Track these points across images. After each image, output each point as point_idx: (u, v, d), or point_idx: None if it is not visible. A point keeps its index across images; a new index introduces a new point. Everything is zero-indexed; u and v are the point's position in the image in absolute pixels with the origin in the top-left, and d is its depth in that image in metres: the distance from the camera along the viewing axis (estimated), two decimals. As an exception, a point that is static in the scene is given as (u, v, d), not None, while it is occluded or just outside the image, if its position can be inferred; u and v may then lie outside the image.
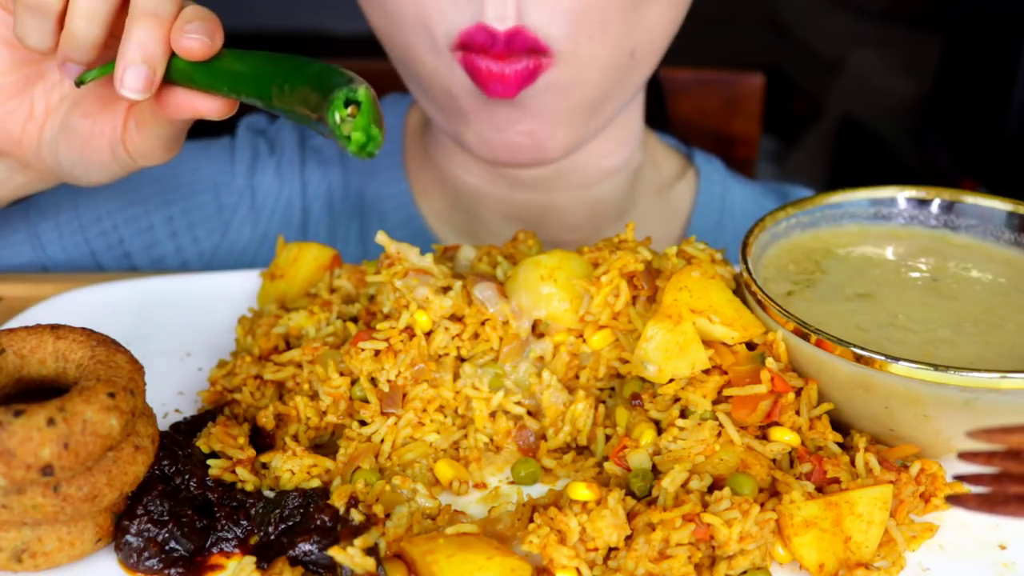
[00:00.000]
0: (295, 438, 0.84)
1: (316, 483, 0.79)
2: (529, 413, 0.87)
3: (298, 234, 1.33)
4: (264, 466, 0.82)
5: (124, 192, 1.31)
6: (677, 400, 0.81)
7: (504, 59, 1.01)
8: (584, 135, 1.13)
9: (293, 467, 0.79)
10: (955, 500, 0.68)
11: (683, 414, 0.81)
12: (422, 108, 1.21)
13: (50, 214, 1.30)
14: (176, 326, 1.00)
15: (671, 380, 0.81)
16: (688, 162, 1.42)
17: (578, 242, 1.27)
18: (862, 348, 0.76)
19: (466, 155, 1.24)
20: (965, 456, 0.67)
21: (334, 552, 0.71)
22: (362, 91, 0.72)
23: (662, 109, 1.47)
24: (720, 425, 0.79)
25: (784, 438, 0.79)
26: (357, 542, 0.72)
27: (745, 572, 0.72)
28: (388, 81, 1.55)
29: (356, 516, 0.74)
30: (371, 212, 1.33)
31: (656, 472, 0.79)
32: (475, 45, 1.01)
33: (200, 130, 1.47)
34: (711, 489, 0.76)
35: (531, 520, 0.75)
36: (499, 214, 1.28)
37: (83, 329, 0.79)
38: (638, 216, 1.33)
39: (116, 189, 1.31)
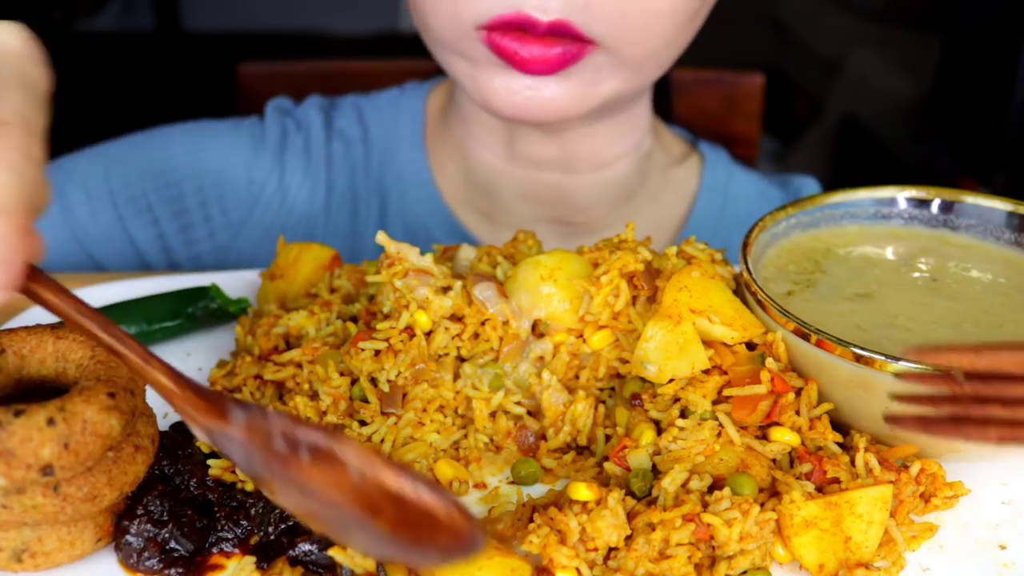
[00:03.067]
0: (295, 438, 0.84)
1: None
2: (529, 413, 0.87)
3: (322, 211, 1.37)
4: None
5: (155, 161, 1.34)
6: (677, 400, 0.81)
7: (544, 42, 1.03)
8: (589, 109, 1.14)
9: None
10: (893, 421, 0.69)
11: (683, 414, 0.81)
12: (445, 83, 1.25)
13: (78, 179, 1.32)
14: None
15: (671, 380, 0.81)
16: (693, 148, 1.46)
17: (588, 223, 1.32)
18: (862, 348, 0.76)
19: (485, 134, 1.28)
20: (900, 375, 0.70)
21: (334, 552, 0.71)
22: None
23: (667, 105, 1.50)
24: (720, 425, 0.79)
25: (784, 438, 0.79)
26: None
27: (745, 572, 0.72)
28: (388, 80, 1.56)
29: None
30: (391, 189, 1.37)
31: (656, 472, 0.79)
32: (512, 27, 1.03)
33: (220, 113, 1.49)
34: (711, 489, 0.76)
35: (531, 520, 0.75)
36: (515, 193, 1.32)
37: (83, 329, 0.79)
38: (646, 199, 1.36)
39: (147, 158, 1.34)
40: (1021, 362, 0.67)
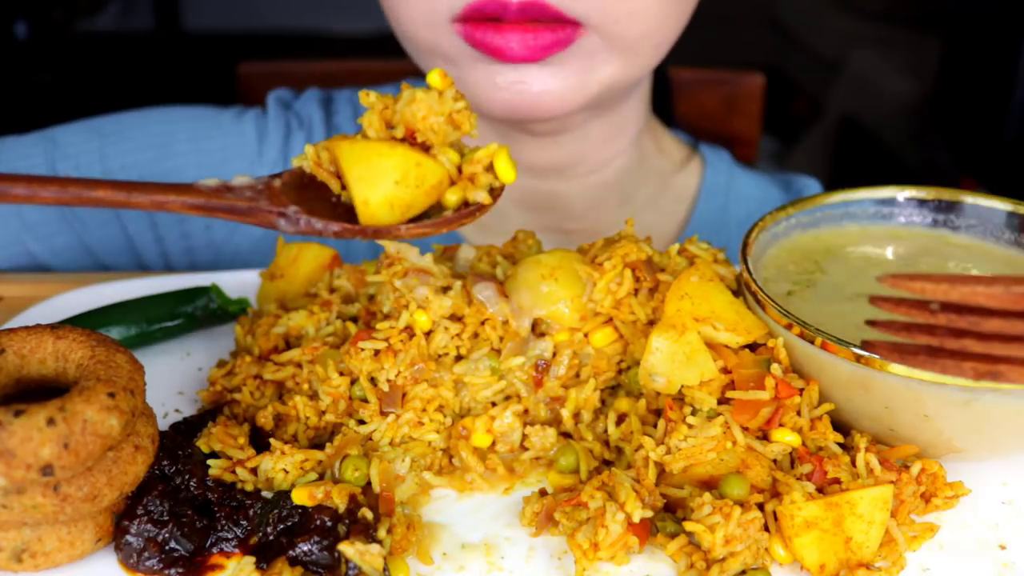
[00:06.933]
0: (294, 437, 0.84)
1: (312, 476, 0.79)
2: (526, 411, 0.87)
3: None
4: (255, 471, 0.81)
5: (156, 146, 1.31)
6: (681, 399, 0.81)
7: (523, 28, 1.01)
8: (587, 100, 1.12)
9: (285, 465, 0.79)
10: (868, 347, 0.69)
11: (692, 412, 0.80)
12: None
13: (70, 155, 1.29)
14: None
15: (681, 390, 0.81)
16: (694, 151, 1.44)
17: (585, 230, 1.31)
18: (862, 348, 0.76)
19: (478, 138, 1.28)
20: (875, 300, 0.67)
21: (344, 547, 0.71)
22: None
23: (667, 106, 1.49)
24: (727, 422, 0.79)
25: (785, 438, 0.79)
26: (363, 543, 0.72)
27: (744, 572, 0.72)
28: (387, 80, 1.55)
29: (366, 514, 0.74)
30: None
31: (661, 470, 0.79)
32: (485, 14, 1.01)
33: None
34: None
35: None
36: (510, 200, 1.30)
37: (83, 329, 0.79)
38: (644, 204, 1.34)
39: (148, 142, 1.31)
40: (995, 295, 0.64)
